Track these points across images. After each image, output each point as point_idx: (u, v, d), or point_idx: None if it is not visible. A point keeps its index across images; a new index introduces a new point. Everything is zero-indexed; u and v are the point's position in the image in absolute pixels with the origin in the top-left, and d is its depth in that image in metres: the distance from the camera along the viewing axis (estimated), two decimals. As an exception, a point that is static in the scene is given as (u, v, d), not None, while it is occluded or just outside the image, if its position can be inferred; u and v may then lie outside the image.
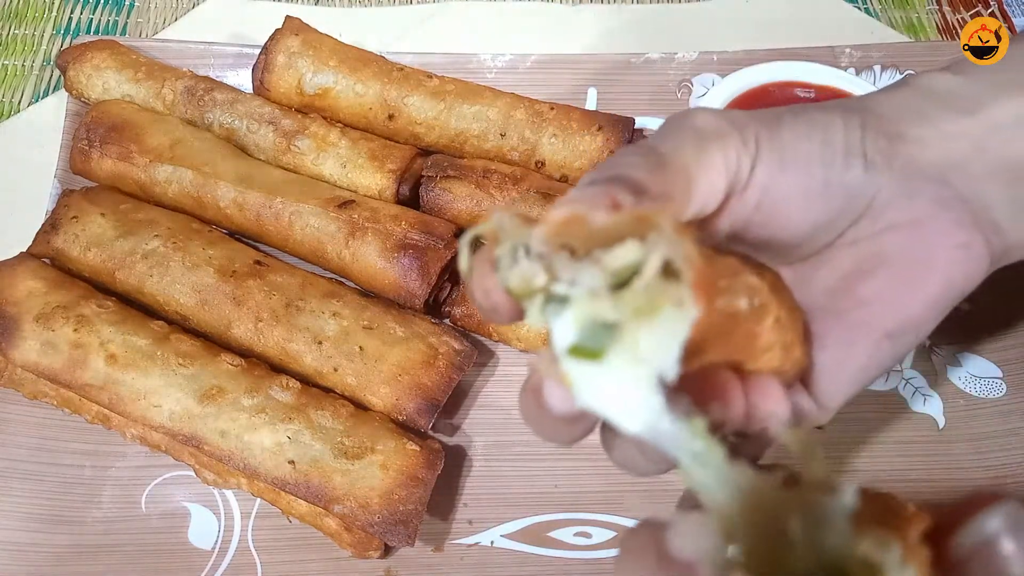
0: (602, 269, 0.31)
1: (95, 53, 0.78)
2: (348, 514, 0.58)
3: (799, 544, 0.29)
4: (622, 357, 0.30)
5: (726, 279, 0.33)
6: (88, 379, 0.62)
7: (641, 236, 0.30)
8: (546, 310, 0.32)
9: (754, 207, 0.40)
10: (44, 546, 0.62)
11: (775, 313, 0.37)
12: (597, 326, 0.31)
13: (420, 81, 0.76)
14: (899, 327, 0.42)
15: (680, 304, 0.30)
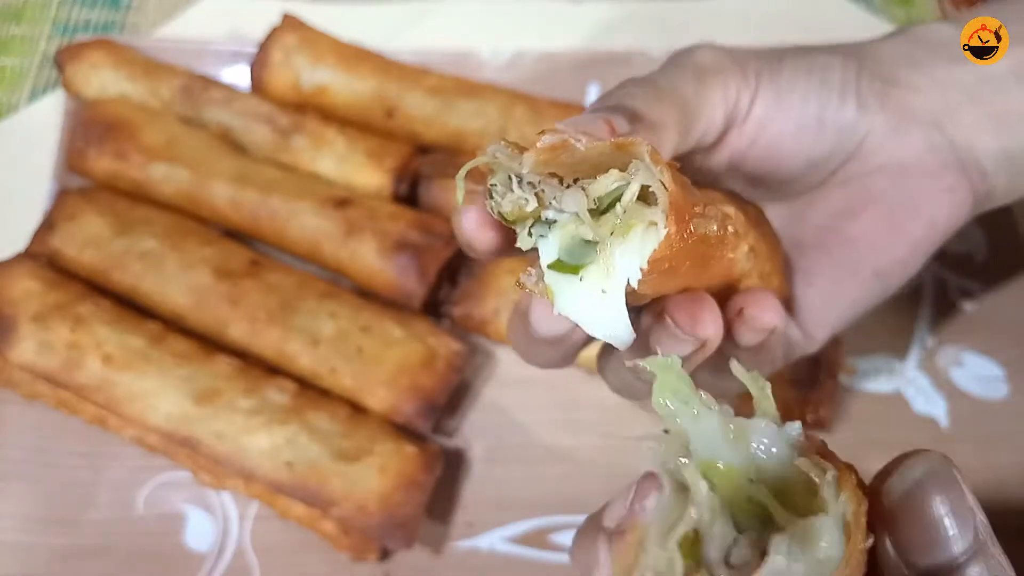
0: (586, 195, 0.33)
1: (92, 52, 0.77)
2: (346, 517, 0.58)
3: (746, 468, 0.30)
4: (597, 270, 0.34)
5: (701, 206, 0.35)
6: (84, 380, 0.62)
7: (622, 165, 0.33)
8: (534, 232, 0.35)
9: (751, 140, 0.42)
10: (41, 547, 0.61)
11: (750, 243, 0.39)
12: (577, 244, 0.34)
13: (418, 78, 0.76)
14: (886, 266, 0.44)
15: (652, 224, 0.33)
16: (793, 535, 0.28)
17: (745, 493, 0.30)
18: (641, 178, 0.33)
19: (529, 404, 0.67)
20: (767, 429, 0.30)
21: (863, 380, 0.68)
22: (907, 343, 0.70)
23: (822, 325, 0.45)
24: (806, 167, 0.44)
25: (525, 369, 0.68)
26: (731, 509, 0.30)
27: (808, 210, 0.45)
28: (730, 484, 0.30)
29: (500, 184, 0.35)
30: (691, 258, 0.35)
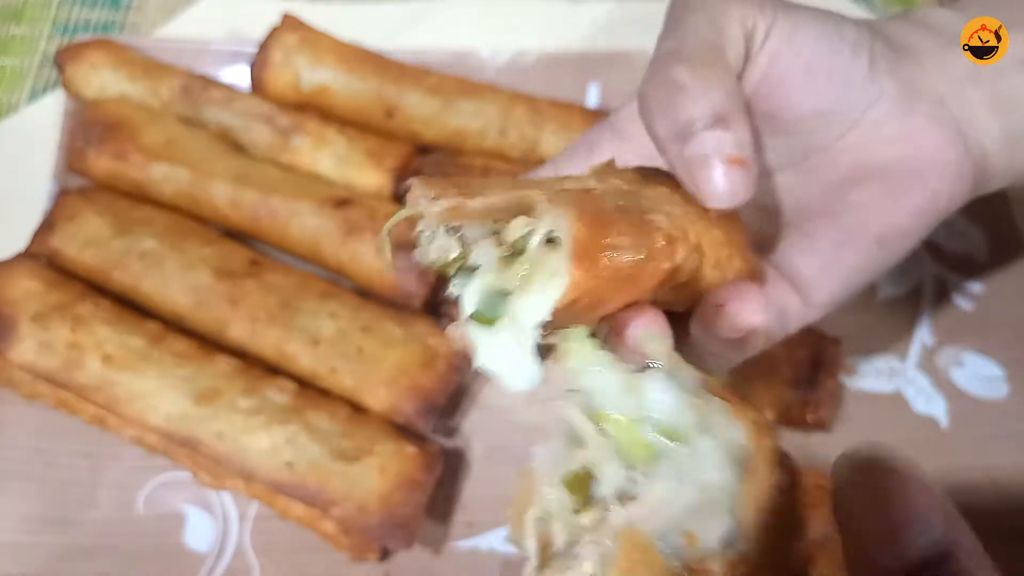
0: (499, 241, 0.33)
1: (92, 52, 0.77)
2: (346, 517, 0.57)
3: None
4: (507, 322, 0.33)
5: (616, 236, 0.34)
6: (84, 380, 0.62)
7: (530, 210, 0.33)
8: (460, 281, 0.34)
9: (762, 74, 0.42)
10: (41, 547, 0.61)
11: (692, 242, 0.38)
12: (494, 294, 0.34)
13: (418, 78, 0.76)
14: (888, 232, 0.44)
15: (556, 271, 0.32)
16: (680, 462, 0.29)
17: (642, 440, 0.31)
18: (546, 224, 0.32)
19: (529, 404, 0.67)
20: (662, 378, 0.32)
21: (863, 380, 0.68)
22: (907, 343, 0.70)
23: (824, 291, 0.45)
24: (812, 116, 0.44)
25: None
26: (630, 455, 0.31)
27: (813, 177, 0.46)
28: (625, 432, 0.31)
29: (428, 230, 0.35)
30: (617, 285, 0.35)
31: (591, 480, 0.31)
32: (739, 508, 0.29)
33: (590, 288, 0.33)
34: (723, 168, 0.37)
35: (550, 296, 0.32)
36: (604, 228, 0.34)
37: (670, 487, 0.29)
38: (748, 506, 0.29)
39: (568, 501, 0.30)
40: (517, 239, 0.33)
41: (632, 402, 0.31)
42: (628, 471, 0.30)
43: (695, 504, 0.29)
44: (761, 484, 0.29)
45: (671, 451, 0.30)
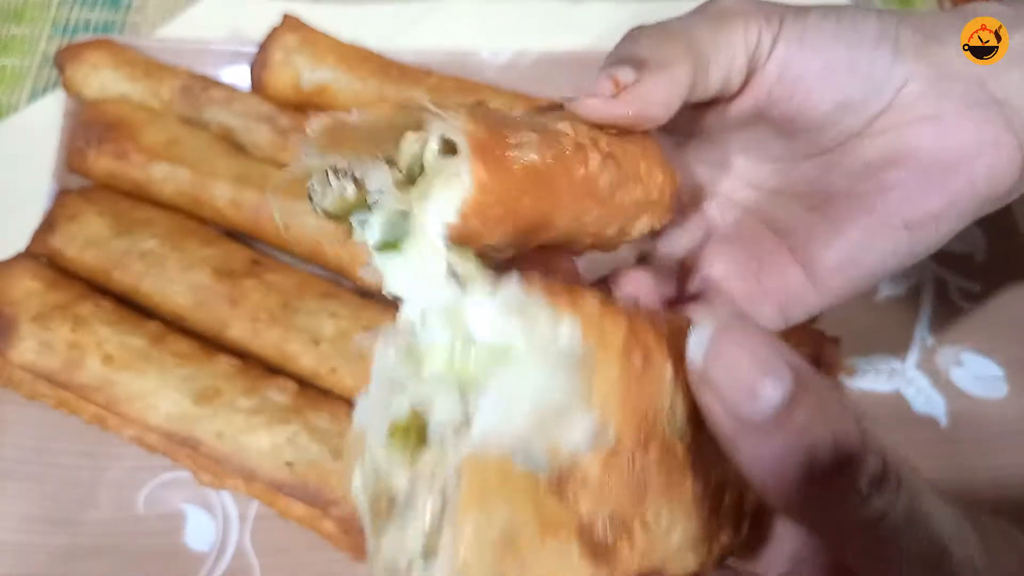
0: (393, 166, 0.32)
1: (92, 52, 0.77)
2: (346, 517, 0.57)
3: None
4: (413, 239, 0.32)
5: (516, 136, 0.33)
6: (85, 380, 0.62)
7: (417, 124, 0.31)
8: (360, 220, 0.34)
9: (775, 79, 0.42)
10: (41, 547, 0.61)
11: (602, 150, 0.37)
12: (395, 219, 0.32)
13: (419, 78, 0.76)
14: (918, 217, 0.42)
15: (456, 175, 0.31)
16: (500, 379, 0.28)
17: (468, 366, 0.29)
18: (437, 131, 0.31)
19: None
20: (479, 300, 0.30)
21: (863, 380, 0.68)
22: (907, 343, 0.70)
23: (843, 276, 0.44)
24: (836, 110, 0.43)
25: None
26: (460, 384, 0.29)
27: (842, 159, 0.44)
28: (448, 361, 0.30)
29: (318, 183, 0.34)
30: (530, 190, 0.33)
31: (423, 422, 0.29)
32: (595, 403, 0.27)
33: (500, 193, 0.31)
34: (609, 83, 0.38)
35: (453, 198, 0.31)
36: (504, 129, 0.33)
37: (502, 402, 0.27)
38: (601, 397, 0.27)
39: (399, 450, 0.29)
40: (412, 159, 0.32)
41: (453, 328, 0.30)
42: (462, 401, 0.28)
43: (541, 413, 0.27)
44: (611, 372, 0.27)
45: (499, 369, 0.28)
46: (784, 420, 0.26)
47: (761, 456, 0.27)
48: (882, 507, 0.26)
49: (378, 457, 0.29)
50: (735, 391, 0.26)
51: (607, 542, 0.27)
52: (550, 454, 0.27)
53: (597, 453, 0.27)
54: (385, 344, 0.30)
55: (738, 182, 0.49)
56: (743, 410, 0.26)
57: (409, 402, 0.29)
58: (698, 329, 0.28)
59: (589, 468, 0.27)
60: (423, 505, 0.27)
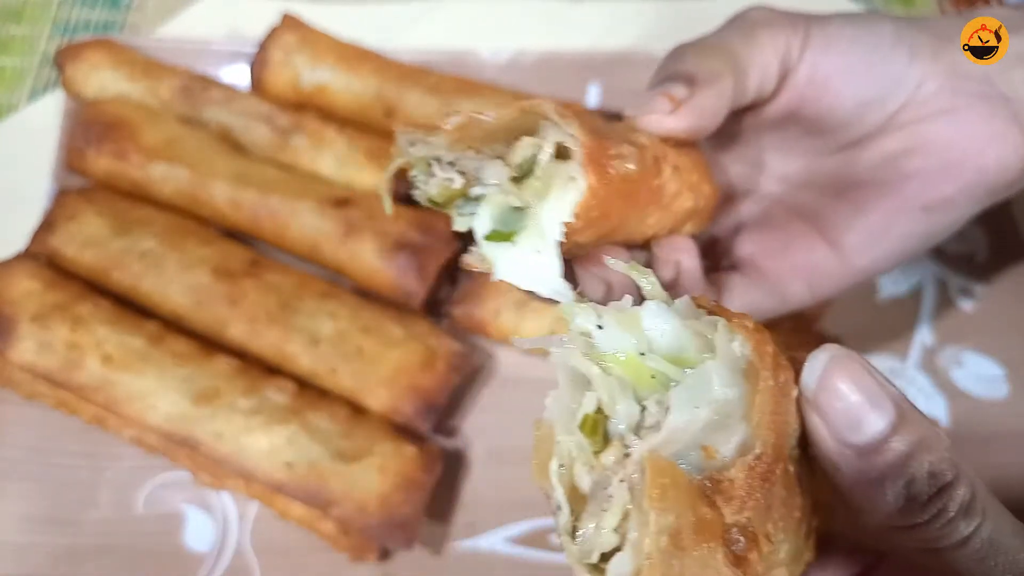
0: (505, 164, 0.36)
1: (92, 52, 0.77)
2: (346, 517, 0.57)
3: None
4: (529, 232, 0.36)
5: (616, 147, 0.37)
6: (84, 380, 0.62)
7: (533, 129, 0.36)
8: (466, 210, 0.37)
9: (806, 82, 0.46)
10: (41, 547, 0.61)
11: (672, 163, 0.41)
12: (508, 212, 0.37)
13: (418, 78, 0.76)
14: (935, 202, 0.47)
15: (572, 179, 0.35)
16: (690, 385, 0.30)
17: (647, 371, 0.32)
18: (553, 137, 0.35)
19: (529, 404, 0.67)
20: (657, 310, 0.33)
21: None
22: (907, 343, 0.70)
23: (867, 256, 0.49)
24: (858, 108, 0.47)
25: (525, 369, 0.68)
26: (638, 388, 0.32)
27: (864, 152, 0.49)
28: (631, 367, 0.32)
29: (421, 173, 0.37)
30: (620, 198, 0.38)
31: (605, 420, 0.32)
32: (750, 415, 0.30)
33: (602, 199, 0.35)
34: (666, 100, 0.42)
35: (570, 201, 0.35)
36: (606, 140, 0.37)
37: (686, 411, 0.30)
38: (758, 411, 0.30)
39: (586, 444, 0.31)
40: (524, 160, 0.36)
41: (631, 337, 0.33)
42: (641, 403, 0.32)
43: (710, 421, 0.30)
44: (766, 388, 0.30)
45: (679, 377, 0.31)
46: (885, 448, 0.29)
47: (861, 479, 0.30)
48: (967, 533, 0.29)
49: (567, 449, 0.32)
50: (843, 419, 0.30)
51: (743, 551, 0.30)
52: (707, 459, 0.30)
53: (744, 463, 0.30)
54: (566, 347, 0.33)
55: (768, 176, 0.53)
56: (848, 436, 0.30)
57: (596, 400, 0.32)
58: (813, 359, 0.31)
59: (736, 477, 0.30)
60: (615, 496, 0.30)
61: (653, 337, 0.33)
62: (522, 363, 0.69)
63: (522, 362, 0.69)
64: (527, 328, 0.66)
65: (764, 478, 0.30)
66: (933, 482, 0.29)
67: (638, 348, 0.32)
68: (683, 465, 0.30)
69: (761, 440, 0.30)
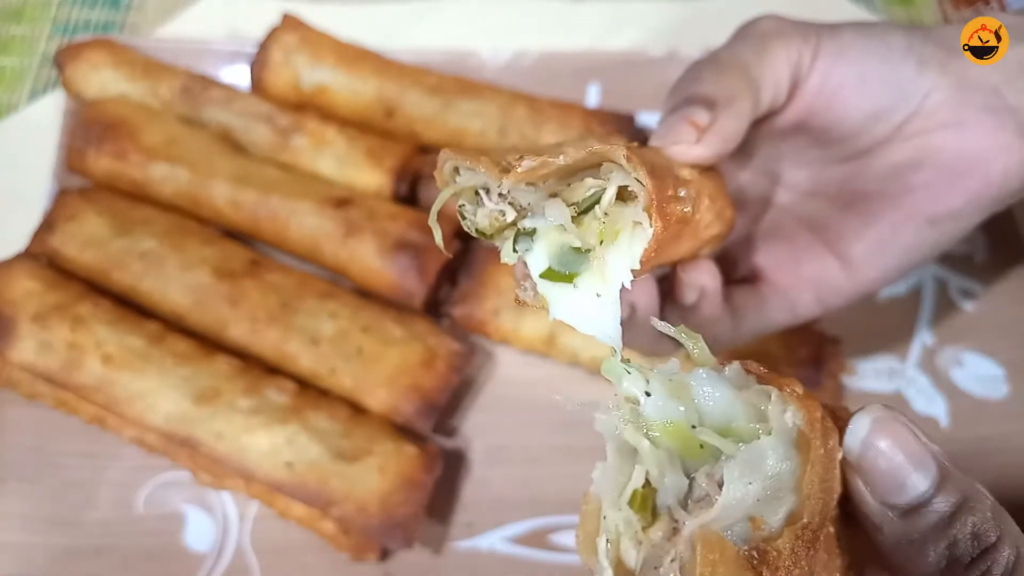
0: (564, 202, 0.36)
1: (92, 52, 0.77)
2: (346, 517, 0.57)
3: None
4: (591, 276, 0.36)
5: (673, 188, 0.38)
6: (84, 380, 0.62)
7: (594, 169, 0.36)
8: (519, 247, 0.37)
9: (816, 92, 0.46)
10: (41, 547, 0.61)
11: (707, 193, 0.42)
12: (565, 252, 0.36)
13: (418, 78, 0.76)
14: (941, 214, 0.47)
15: (637, 223, 0.35)
16: (744, 461, 0.30)
17: (696, 441, 0.32)
18: (617, 180, 0.35)
19: (529, 404, 0.67)
20: (707, 378, 0.33)
21: (863, 380, 0.68)
22: (907, 343, 0.70)
23: (874, 268, 0.49)
24: (867, 119, 0.47)
25: (525, 369, 0.69)
26: (685, 458, 0.32)
27: (872, 163, 0.49)
28: (678, 437, 0.32)
29: (468, 202, 0.37)
30: (673, 238, 0.38)
31: (654, 493, 0.32)
32: (801, 486, 0.30)
33: (662, 240, 0.35)
34: (690, 129, 0.42)
35: (637, 246, 0.35)
36: (664, 182, 0.37)
37: (739, 487, 0.30)
38: (808, 482, 0.30)
39: (635, 520, 0.31)
40: (585, 200, 0.36)
41: (680, 405, 0.32)
42: (689, 475, 0.32)
43: (763, 495, 0.30)
44: (817, 458, 0.31)
45: (732, 451, 0.31)
46: (928, 509, 0.30)
47: (904, 540, 0.30)
48: None
49: (615, 524, 0.32)
50: (886, 480, 0.30)
51: None
52: (753, 530, 0.31)
53: (791, 532, 0.30)
54: (612, 415, 0.33)
55: (776, 185, 0.53)
56: (891, 497, 0.30)
57: (641, 475, 0.32)
58: (856, 420, 0.32)
59: (783, 547, 0.30)
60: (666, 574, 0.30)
61: (702, 404, 0.32)
62: (522, 363, 0.69)
63: (522, 362, 0.69)
64: (526, 328, 0.67)
65: (809, 545, 0.30)
66: (976, 544, 0.29)
67: (688, 418, 0.32)
68: (731, 537, 0.30)
69: (809, 509, 0.31)
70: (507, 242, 0.37)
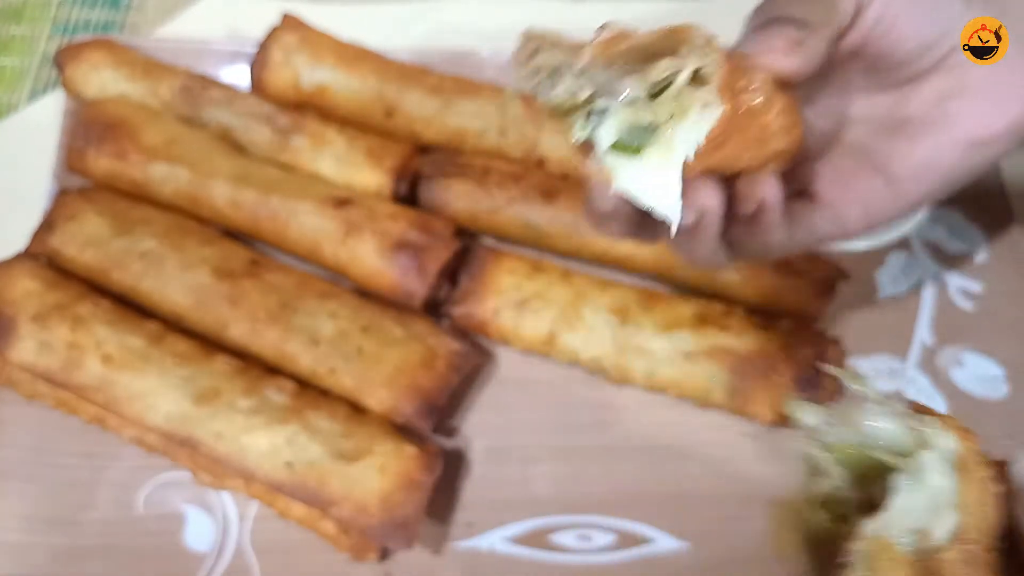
0: (641, 81, 0.39)
1: (92, 52, 0.77)
2: (346, 517, 0.57)
3: None
4: (657, 149, 0.39)
5: (747, 80, 0.40)
6: (84, 380, 0.62)
7: (673, 50, 0.39)
8: (588, 122, 0.40)
9: (874, 21, 0.48)
10: (41, 547, 0.61)
11: (779, 103, 0.43)
12: (636, 128, 0.39)
13: (418, 78, 0.76)
14: (983, 136, 0.50)
15: (707, 105, 0.38)
16: (910, 472, 0.36)
17: (867, 462, 0.40)
18: (694, 62, 0.38)
19: (529, 404, 0.67)
20: (876, 411, 0.40)
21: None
22: (907, 343, 0.70)
23: (917, 185, 0.51)
24: (918, 48, 0.49)
25: (525, 369, 0.69)
26: (860, 475, 0.40)
27: (918, 90, 0.51)
28: (855, 457, 0.40)
29: (545, 79, 0.41)
30: (738, 130, 0.40)
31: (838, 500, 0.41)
32: (962, 503, 0.35)
33: (724, 129, 0.38)
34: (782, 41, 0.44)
35: (704, 125, 0.38)
36: (739, 72, 0.40)
37: (906, 496, 0.35)
38: (968, 499, 0.35)
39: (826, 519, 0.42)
40: (660, 80, 0.39)
41: (853, 432, 0.41)
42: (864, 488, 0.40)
43: (927, 506, 0.35)
44: (974, 478, 0.35)
45: (900, 465, 0.37)
46: None
47: None
48: None
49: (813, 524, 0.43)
50: None
51: None
52: (920, 540, 0.36)
53: (957, 547, 0.35)
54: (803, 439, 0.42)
55: (826, 111, 0.55)
56: None
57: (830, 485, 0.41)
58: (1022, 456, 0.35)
59: (951, 559, 0.35)
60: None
61: (871, 432, 0.40)
62: (522, 363, 0.69)
63: (522, 362, 0.69)
64: (526, 328, 0.67)
65: (973, 562, 0.35)
66: None
67: (861, 441, 0.40)
68: (901, 545, 0.36)
69: (973, 528, 0.35)
70: (577, 120, 0.40)
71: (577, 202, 0.70)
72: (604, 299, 0.66)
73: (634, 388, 0.66)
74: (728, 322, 0.65)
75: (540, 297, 0.67)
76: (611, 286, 0.68)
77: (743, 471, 0.64)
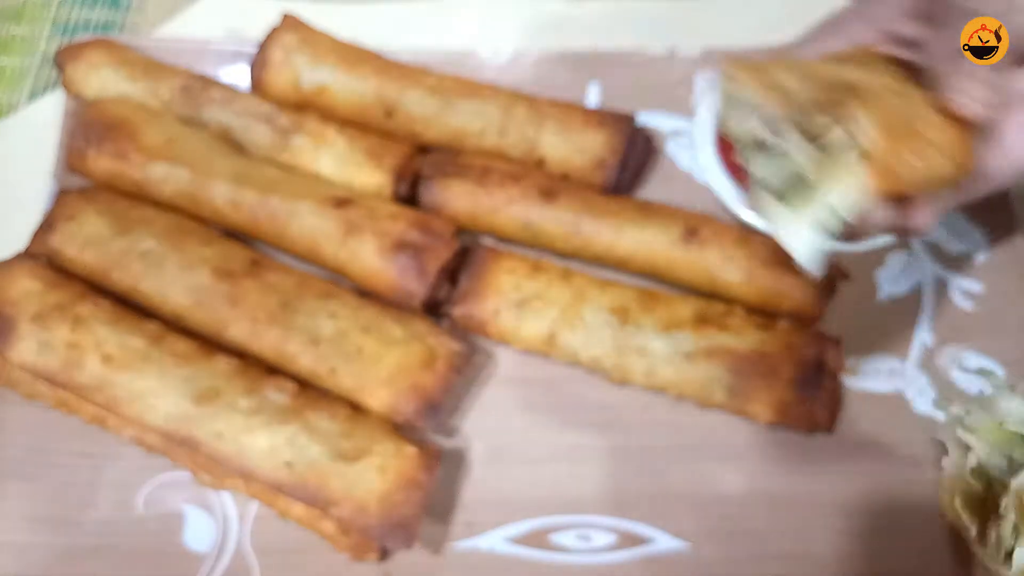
0: (806, 138, 0.43)
1: (92, 51, 0.77)
2: (346, 517, 0.57)
3: None
4: (811, 204, 0.43)
5: (910, 149, 0.43)
6: (84, 380, 0.62)
7: (839, 108, 0.42)
8: (754, 153, 0.45)
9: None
10: (41, 547, 0.62)
11: (951, 152, 0.46)
12: (795, 176, 0.43)
13: (418, 78, 0.76)
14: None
15: (858, 177, 0.42)
16: None
17: (1008, 435, 0.57)
18: (860, 141, 0.41)
19: (529, 404, 0.67)
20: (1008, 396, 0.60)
21: (863, 380, 0.68)
22: (907, 343, 0.70)
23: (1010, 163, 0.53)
24: None
25: (525, 369, 0.69)
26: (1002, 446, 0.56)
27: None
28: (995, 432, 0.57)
29: (735, 112, 0.46)
30: (898, 187, 0.44)
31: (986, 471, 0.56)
32: None
33: (882, 194, 0.42)
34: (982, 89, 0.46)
35: (853, 195, 0.42)
36: (900, 141, 0.43)
37: None
38: None
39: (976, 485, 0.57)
40: (830, 142, 0.42)
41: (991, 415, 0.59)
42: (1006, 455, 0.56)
43: None
44: None
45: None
46: None
47: None
48: None
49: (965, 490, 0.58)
50: None
51: None
52: None
53: None
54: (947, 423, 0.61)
55: None
56: None
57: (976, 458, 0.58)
58: None
59: None
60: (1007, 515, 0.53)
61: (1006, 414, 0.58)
62: (522, 363, 0.69)
63: (522, 362, 0.69)
64: (527, 328, 0.67)
65: None
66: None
67: (999, 421, 0.57)
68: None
69: None
70: (747, 147, 0.45)
71: (577, 202, 0.70)
72: (604, 299, 0.66)
73: (634, 388, 0.66)
74: (728, 322, 0.65)
75: (540, 297, 0.67)
76: (611, 286, 0.68)
77: (743, 471, 0.64)
